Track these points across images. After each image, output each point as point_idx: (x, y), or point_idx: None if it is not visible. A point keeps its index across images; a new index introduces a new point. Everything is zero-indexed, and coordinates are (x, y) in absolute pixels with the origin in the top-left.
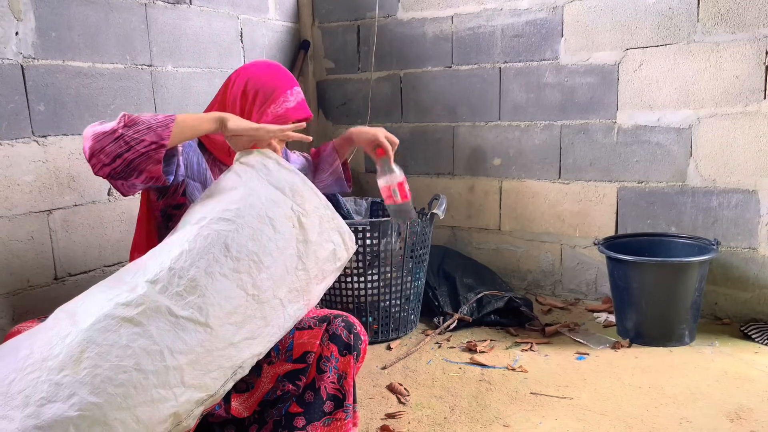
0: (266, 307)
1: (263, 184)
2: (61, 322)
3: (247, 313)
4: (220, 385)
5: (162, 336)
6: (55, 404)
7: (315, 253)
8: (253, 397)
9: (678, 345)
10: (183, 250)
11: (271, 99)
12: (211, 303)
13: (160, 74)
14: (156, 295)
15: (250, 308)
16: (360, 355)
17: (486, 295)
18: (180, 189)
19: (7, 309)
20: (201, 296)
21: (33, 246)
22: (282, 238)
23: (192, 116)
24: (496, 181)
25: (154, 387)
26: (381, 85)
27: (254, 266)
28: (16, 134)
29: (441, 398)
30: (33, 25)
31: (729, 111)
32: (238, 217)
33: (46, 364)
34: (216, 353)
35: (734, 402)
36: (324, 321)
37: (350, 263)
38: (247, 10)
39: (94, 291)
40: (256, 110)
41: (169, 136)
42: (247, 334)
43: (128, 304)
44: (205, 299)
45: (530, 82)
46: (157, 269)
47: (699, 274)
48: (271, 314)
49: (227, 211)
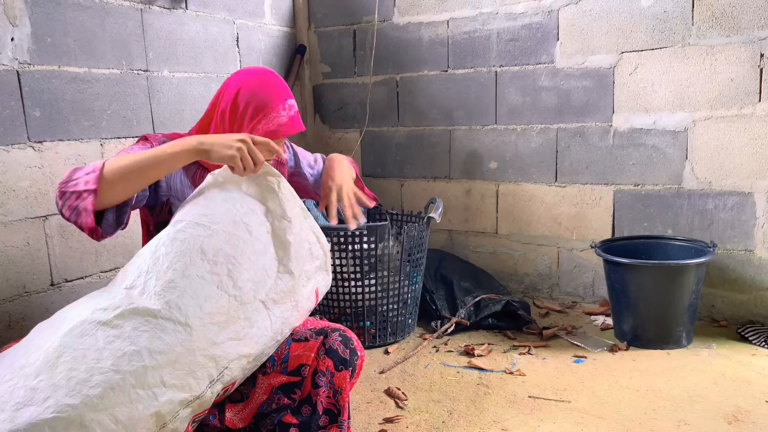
0: (249, 308)
1: (238, 189)
2: (42, 333)
3: (230, 314)
4: (205, 386)
5: (140, 337)
6: (31, 408)
7: (296, 254)
8: (247, 408)
9: (675, 347)
10: (160, 254)
11: (263, 113)
12: (190, 303)
13: (157, 79)
14: (134, 298)
15: (233, 309)
16: (356, 371)
17: (483, 298)
18: (165, 208)
19: (3, 315)
20: (180, 297)
21: (29, 252)
22: (259, 242)
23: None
24: (493, 185)
25: (132, 387)
26: (377, 90)
27: (233, 269)
28: (11, 140)
29: (439, 402)
30: (29, 30)
31: (724, 114)
32: (213, 223)
33: (24, 371)
34: (198, 353)
35: (732, 404)
36: (321, 334)
37: (347, 268)
38: (243, 15)
39: (78, 302)
40: (247, 125)
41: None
42: (232, 334)
43: (106, 308)
44: (183, 300)
45: (526, 85)
46: (135, 274)
47: (696, 276)
48: (254, 315)
49: (203, 216)
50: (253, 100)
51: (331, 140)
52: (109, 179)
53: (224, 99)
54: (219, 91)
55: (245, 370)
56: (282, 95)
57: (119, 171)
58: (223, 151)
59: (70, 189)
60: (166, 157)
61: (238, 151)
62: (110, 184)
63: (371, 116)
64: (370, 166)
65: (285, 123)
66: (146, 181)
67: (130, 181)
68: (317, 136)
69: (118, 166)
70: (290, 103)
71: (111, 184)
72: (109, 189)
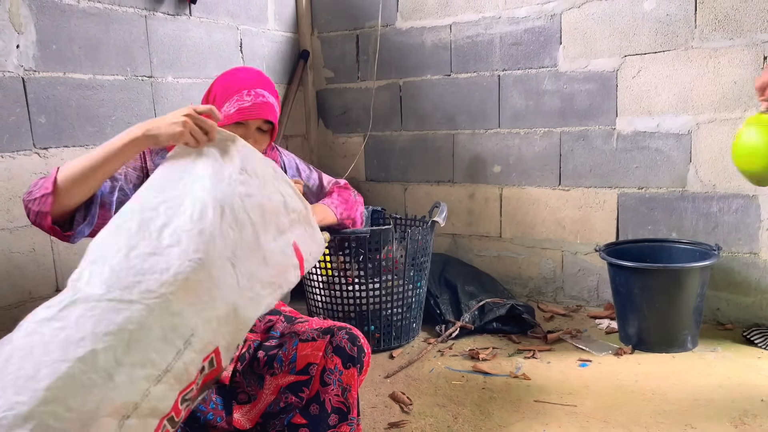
0: (211, 269)
1: (189, 160)
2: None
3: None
4: (171, 357)
5: (85, 323)
6: None
7: (261, 207)
8: (255, 409)
9: (681, 351)
10: (104, 240)
11: (226, 97)
12: (136, 280)
13: (161, 85)
14: (78, 289)
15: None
16: (363, 368)
17: (488, 302)
18: None
19: (9, 321)
20: (125, 275)
21: (34, 258)
22: None
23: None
24: (497, 189)
25: (83, 373)
26: (380, 94)
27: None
28: (17, 146)
29: (444, 407)
30: (34, 37)
31: (728, 116)
32: (163, 202)
33: None
34: (155, 326)
35: (738, 408)
36: (327, 333)
37: (352, 272)
38: (246, 20)
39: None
40: None
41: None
42: (192, 299)
43: (51, 305)
44: (129, 278)
45: (529, 89)
46: (83, 266)
47: (700, 279)
48: (218, 274)
49: (151, 198)
50: (221, 89)
51: (335, 145)
52: (63, 182)
53: (204, 94)
54: None
55: (219, 332)
56: (251, 84)
57: (72, 172)
58: (170, 129)
59: (30, 197)
60: (115, 152)
61: (184, 125)
62: (65, 187)
63: (374, 121)
64: (373, 170)
65: (246, 107)
66: (102, 177)
67: (85, 180)
68: (321, 141)
69: (71, 167)
70: (259, 91)
71: (66, 187)
72: (65, 191)
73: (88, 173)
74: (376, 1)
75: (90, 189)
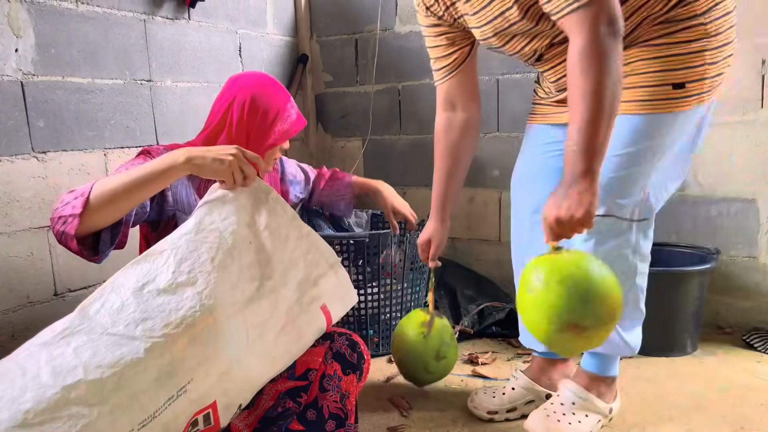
0: (220, 318)
1: (223, 205)
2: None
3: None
4: (162, 404)
5: (82, 353)
6: None
7: (279, 262)
8: (253, 415)
9: (680, 355)
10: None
11: (278, 116)
12: (151, 319)
13: (160, 89)
14: (85, 316)
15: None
16: (363, 374)
17: (487, 306)
18: (171, 222)
19: (6, 326)
20: (133, 313)
21: (33, 262)
22: (237, 252)
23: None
24: (496, 192)
25: (66, 403)
26: (379, 98)
27: (202, 279)
28: (15, 150)
29: (443, 411)
30: (33, 41)
31: (727, 120)
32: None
33: None
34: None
35: (738, 412)
36: (327, 338)
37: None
38: (245, 24)
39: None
40: (266, 129)
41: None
42: (196, 347)
43: (54, 330)
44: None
45: (528, 93)
46: (99, 292)
47: (699, 283)
48: (227, 326)
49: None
50: (263, 105)
51: (334, 149)
52: (95, 203)
53: (237, 107)
54: (226, 100)
55: (218, 387)
56: (286, 95)
57: (107, 194)
58: (215, 166)
59: (58, 214)
60: (155, 176)
61: (230, 165)
62: (97, 208)
63: (374, 125)
64: (372, 174)
65: (295, 120)
66: (136, 202)
67: (118, 203)
68: (320, 145)
69: (106, 189)
70: (291, 101)
71: (98, 207)
72: (96, 212)
73: (123, 195)
74: (375, 5)
75: (122, 212)
